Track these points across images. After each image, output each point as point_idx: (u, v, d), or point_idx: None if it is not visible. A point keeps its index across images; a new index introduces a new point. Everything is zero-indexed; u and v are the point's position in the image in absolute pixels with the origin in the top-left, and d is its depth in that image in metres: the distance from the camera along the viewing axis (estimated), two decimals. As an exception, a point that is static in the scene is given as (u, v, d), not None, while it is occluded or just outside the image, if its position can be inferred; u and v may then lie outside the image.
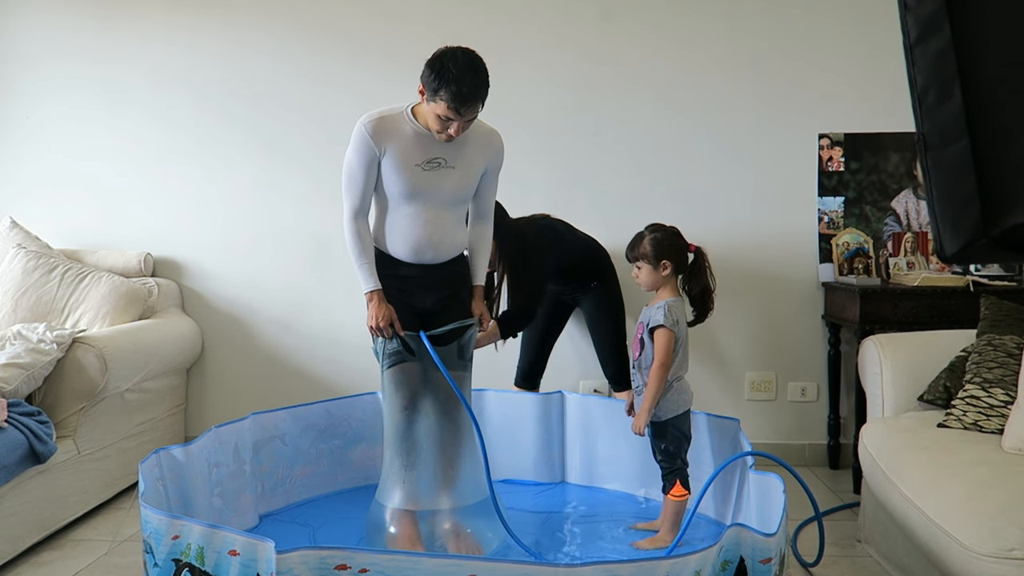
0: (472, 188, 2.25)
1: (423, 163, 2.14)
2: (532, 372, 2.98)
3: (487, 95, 2.07)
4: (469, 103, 2.02)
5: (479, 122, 2.21)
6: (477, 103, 2.04)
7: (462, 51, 2.05)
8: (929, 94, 0.79)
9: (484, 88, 2.05)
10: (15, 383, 2.38)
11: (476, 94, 2.02)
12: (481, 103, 2.06)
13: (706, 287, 2.33)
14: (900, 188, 3.25)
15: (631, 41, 3.29)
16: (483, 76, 2.05)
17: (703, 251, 2.36)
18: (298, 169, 3.38)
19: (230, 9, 3.38)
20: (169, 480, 2.08)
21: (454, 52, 2.05)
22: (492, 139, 2.26)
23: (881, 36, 3.16)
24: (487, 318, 2.34)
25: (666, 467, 2.31)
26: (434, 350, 2.18)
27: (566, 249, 2.80)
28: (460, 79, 1.99)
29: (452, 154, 2.17)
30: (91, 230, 3.43)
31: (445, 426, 2.25)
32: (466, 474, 2.26)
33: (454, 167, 2.17)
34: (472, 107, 2.04)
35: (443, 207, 2.19)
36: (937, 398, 2.35)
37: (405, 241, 2.20)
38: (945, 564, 1.71)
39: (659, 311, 2.27)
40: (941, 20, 0.77)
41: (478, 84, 2.02)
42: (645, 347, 2.30)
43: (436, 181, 2.16)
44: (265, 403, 3.12)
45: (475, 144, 2.20)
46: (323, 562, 1.51)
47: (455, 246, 2.28)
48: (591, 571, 1.48)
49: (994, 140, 0.75)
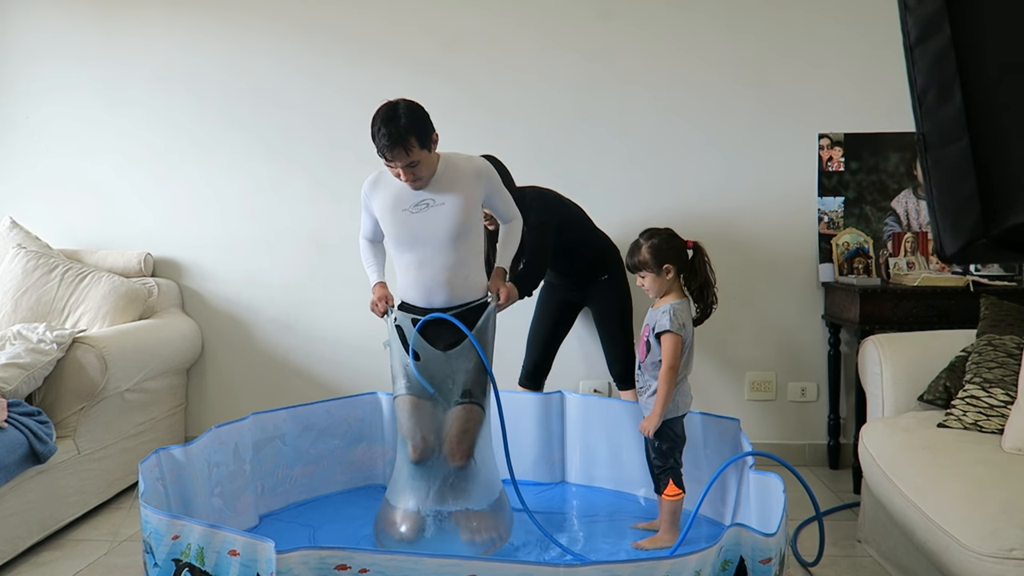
0: (467, 222, 2.26)
1: (411, 207, 2.26)
2: (537, 372, 2.98)
3: (413, 138, 2.13)
4: (391, 152, 2.13)
5: (459, 157, 2.30)
6: (399, 149, 2.12)
7: (386, 105, 2.18)
8: (929, 94, 0.79)
9: (401, 135, 2.11)
10: (15, 383, 2.38)
11: (394, 142, 2.11)
12: (405, 149, 2.12)
13: (706, 281, 2.33)
14: (900, 188, 3.25)
15: (631, 41, 3.29)
16: (397, 124, 2.11)
17: (701, 246, 2.36)
18: (298, 169, 3.38)
19: (230, 10, 3.38)
20: (169, 480, 2.08)
21: (380, 108, 2.17)
22: (472, 165, 2.30)
23: (881, 36, 3.16)
24: (504, 294, 2.36)
25: (659, 466, 2.31)
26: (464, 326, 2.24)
27: (569, 216, 2.80)
28: (377, 132, 2.13)
29: (438, 193, 2.25)
30: (91, 230, 3.44)
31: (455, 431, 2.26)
32: (475, 476, 2.26)
33: (443, 203, 2.24)
34: (397, 154, 2.13)
35: (443, 247, 2.26)
36: (937, 398, 2.35)
37: (414, 286, 2.32)
38: (945, 564, 1.71)
39: (665, 315, 2.26)
40: (941, 20, 0.77)
41: (391, 133, 2.11)
42: (651, 349, 2.30)
43: (428, 221, 2.25)
44: (265, 403, 3.13)
45: (458, 178, 2.27)
46: (323, 562, 1.51)
47: (469, 287, 2.32)
48: (591, 571, 1.48)
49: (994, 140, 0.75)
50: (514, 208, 2.46)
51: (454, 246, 2.26)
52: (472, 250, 2.32)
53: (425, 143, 2.17)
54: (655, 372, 2.28)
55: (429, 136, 2.19)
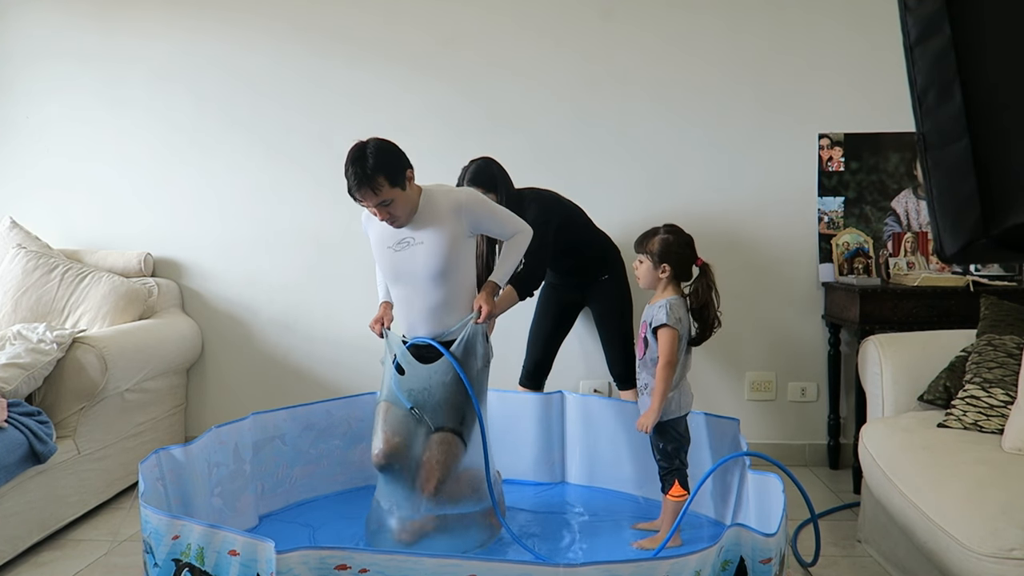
0: (449, 261, 2.23)
1: (394, 244, 2.27)
2: (538, 372, 2.98)
3: (382, 177, 2.11)
4: (359, 191, 2.13)
5: (439, 192, 2.27)
6: (366, 189, 2.11)
7: (356, 145, 2.16)
8: (929, 94, 0.79)
9: (368, 175, 2.10)
10: (15, 383, 2.38)
11: (361, 182, 2.10)
12: (373, 189, 2.11)
13: (708, 303, 2.30)
14: (900, 188, 3.25)
15: (631, 41, 3.29)
16: (365, 164, 2.11)
17: (709, 268, 2.33)
18: (298, 169, 3.38)
19: (230, 10, 3.38)
20: (169, 480, 2.08)
21: (351, 148, 2.16)
22: (452, 200, 2.26)
23: (881, 36, 3.16)
24: (486, 310, 2.30)
25: (664, 467, 2.31)
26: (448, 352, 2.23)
27: (569, 217, 2.79)
28: (346, 172, 2.14)
29: (418, 231, 2.24)
30: (91, 230, 3.44)
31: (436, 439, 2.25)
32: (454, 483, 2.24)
33: (422, 243, 2.23)
34: (365, 194, 2.12)
35: (425, 286, 2.25)
36: (937, 398, 2.35)
37: (402, 320, 2.35)
38: (945, 564, 1.71)
39: (661, 310, 2.27)
40: (941, 20, 0.77)
41: (358, 172, 2.10)
42: (649, 346, 2.30)
43: (410, 260, 2.25)
44: (265, 403, 3.13)
45: (438, 216, 2.24)
46: (323, 562, 1.51)
47: (457, 322, 2.29)
48: (591, 571, 1.48)
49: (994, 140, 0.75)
50: (513, 224, 2.37)
51: (436, 285, 2.24)
52: (459, 287, 2.28)
53: (396, 181, 2.14)
54: (654, 369, 2.28)
55: (401, 173, 2.16)
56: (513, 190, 2.73)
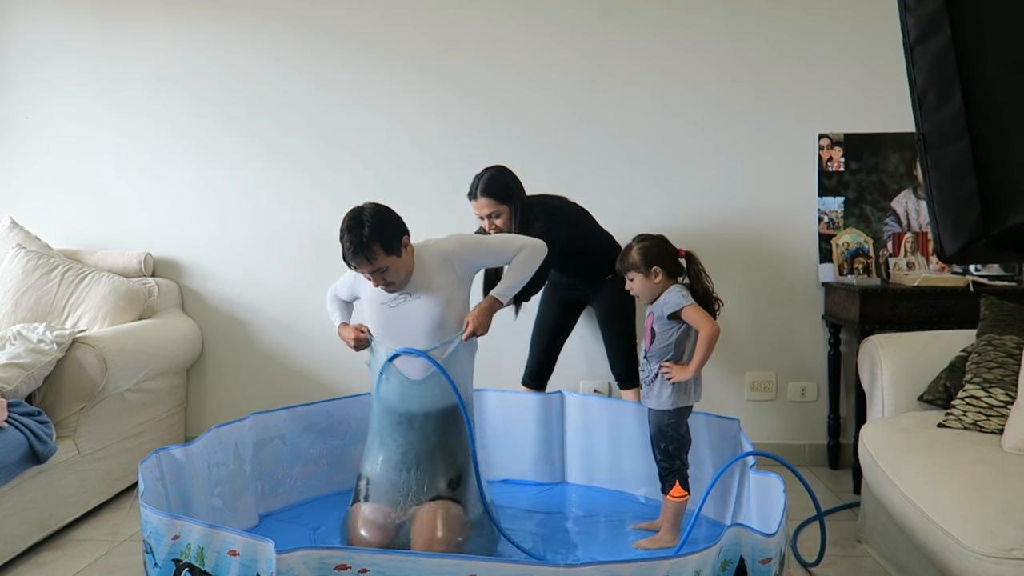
0: (443, 314, 2.22)
1: (389, 301, 2.26)
2: (540, 372, 2.97)
3: (377, 245, 2.10)
4: (354, 259, 2.12)
5: (425, 250, 2.26)
6: (361, 258, 2.11)
7: (352, 211, 2.16)
8: (929, 94, 0.79)
9: (363, 244, 2.09)
10: (15, 383, 2.38)
11: (356, 251, 2.10)
12: (368, 257, 2.10)
13: (705, 289, 2.32)
14: (900, 188, 3.25)
15: (631, 41, 3.29)
16: (360, 232, 2.09)
17: (694, 255, 2.34)
18: (298, 169, 3.38)
19: (230, 10, 3.38)
20: (169, 480, 2.08)
21: (347, 213, 2.15)
22: (439, 252, 2.26)
23: (881, 36, 3.16)
24: (472, 326, 2.26)
25: (666, 467, 2.31)
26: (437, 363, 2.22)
27: (575, 223, 2.79)
28: (341, 239, 2.13)
29: (413, 288, 2.24)
30: (91, 230, 3.44)
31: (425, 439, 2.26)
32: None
33: (419, 297, 2.23)
34: (360, 262, 2.12)
35: (418, 340, 2.23)
36: (937, 398, 2.35)
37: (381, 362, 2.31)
38: (945, 564, 1.71)
39: (673, 295, 2.26)
40: (941, 20, 0.77)
41: (354, 240, 2.10)
42: (656, 336, 2.30)
43: (405, 315, 2.24)
44: (265, 403, 3.12)
45: (429, 273, 2.24)
46: (323, 562, 1.51)
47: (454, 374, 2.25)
48: (591, 571, 1.48)
49: (994, 140, 0.75)
50: (514, 246, 2.34)
51: (430, 341, 2.23)
52: (451, 332, 2.27)
53: (392, 249, 2.13)
54: (661, 359, 2.27)
55: (397, 241, 2.15)
56: (525, 198, 2.73)
